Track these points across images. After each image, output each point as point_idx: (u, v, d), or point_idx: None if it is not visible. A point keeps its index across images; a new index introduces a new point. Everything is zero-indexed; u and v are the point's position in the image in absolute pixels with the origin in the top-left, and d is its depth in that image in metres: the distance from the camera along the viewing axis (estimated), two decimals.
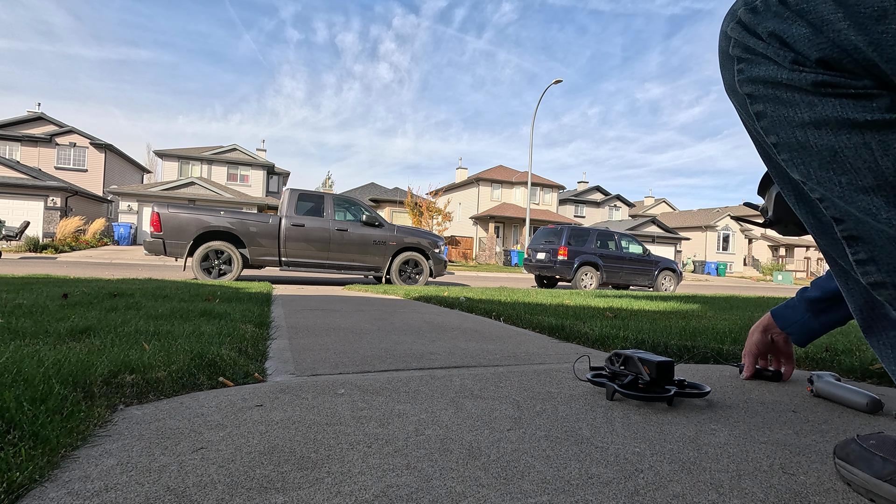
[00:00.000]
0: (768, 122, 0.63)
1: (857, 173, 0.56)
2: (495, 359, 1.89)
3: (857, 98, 0.55)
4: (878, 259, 0.61)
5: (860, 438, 0.83)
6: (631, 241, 12.01)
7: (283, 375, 1.51)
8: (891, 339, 0.75)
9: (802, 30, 0.55)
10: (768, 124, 0.63)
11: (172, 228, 7.25)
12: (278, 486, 0.74)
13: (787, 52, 0.58)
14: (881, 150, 0.54)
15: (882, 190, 0.55)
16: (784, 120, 0.61)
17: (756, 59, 0.62)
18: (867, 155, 0.55)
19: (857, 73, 0.54)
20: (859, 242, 0.61)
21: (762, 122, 0.64)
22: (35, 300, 2.85)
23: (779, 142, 0.63)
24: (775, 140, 0.63)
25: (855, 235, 0.61)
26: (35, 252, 16.86)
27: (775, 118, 0.62)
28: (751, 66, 0.63)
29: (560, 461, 0.87)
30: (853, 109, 0.55)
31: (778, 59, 0.59)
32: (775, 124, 0.62)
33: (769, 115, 0.62)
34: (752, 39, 0.61)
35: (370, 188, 38.27)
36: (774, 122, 0.62)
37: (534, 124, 21.33)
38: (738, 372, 1.63)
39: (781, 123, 0.61)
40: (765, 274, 35.60)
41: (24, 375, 1.07)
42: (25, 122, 29.11)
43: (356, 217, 8.45)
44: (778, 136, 0.63)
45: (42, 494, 0.69)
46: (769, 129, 0.63)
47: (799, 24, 0.56)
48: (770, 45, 0.59)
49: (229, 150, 32.71)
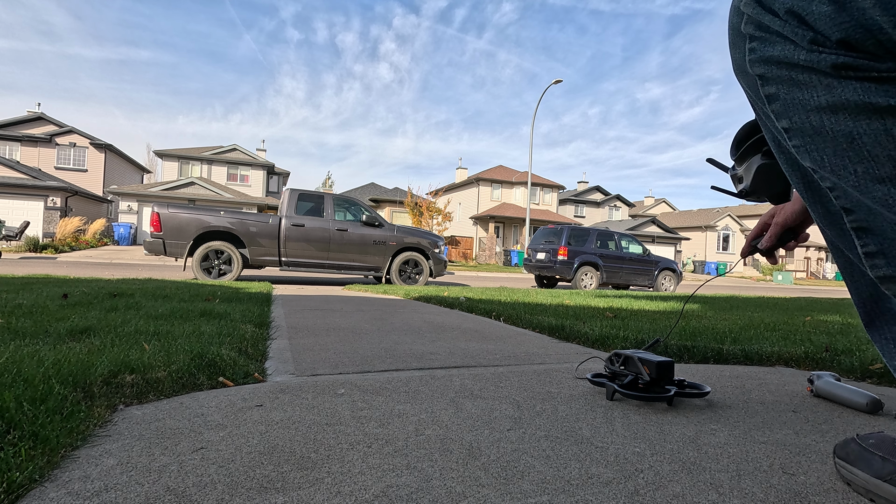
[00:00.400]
0: (781, 105, 0.60)
1: (874, 161, 0.54)
2: (495, 359, 1.89)
3: (879, 82, 0.52)
4: (887, 252, 0.59)
5: (860, 438, 0.83)
6: (631, 241, 12.01)
7: (283, 375, 1.51)
8: (893, 334, 0.74)
9: (823, 7, 0.52)
10: (780, 108, 0.60)
11: (172, 228, 7.25)
12: (278, 486, 0.74)
13: (805, 31, 0.54)
14: None
15: None
16: (798, 103, 0.58)
17: (770, 38, 0.58)
18: (887, 142, 0.52)
19: (880, 55, 0.51)
20: (869, 234, 0.59)
21: (774, 105, 0.61)
22: (35, 300, 2.85)
23: (791, 126, 0.60)
24: (787, 125, 0.60)
25: (865, 227, 0.59)
26: (35, 252, 16.86)
27: (789, 101, 0.59)
28: (764, 46, 0.59)
29: (560, 461, 0.87)
30: (875, 93, 0.52)
31: (795, 39, 0.55)
32: (788, 108, 0.59)
33: (782, 97, 0.59)
34: (768, 16, 0.58)
35: (370, 188, 38.28)
36: (788, 106, 0.59)
37: (534, 124, 21.33)
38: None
39: (795, 107, 0.58)
40: (765, 274, 35.60)
41: (24, 375, 1.07)
42: (25, 122, 29.11)
43: (356, 217, 8.45)
44: (790, 121, 0.60)
45: (42, 494, 0.69)
46: (781, 112, 0.60)
47: (819, 1, 0.52)
48: (787, 24, 0.56)
49: (229, 150, 32.71)
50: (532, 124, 21.30)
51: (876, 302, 0.75)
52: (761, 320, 3.34)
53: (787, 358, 1.96)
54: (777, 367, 1.88)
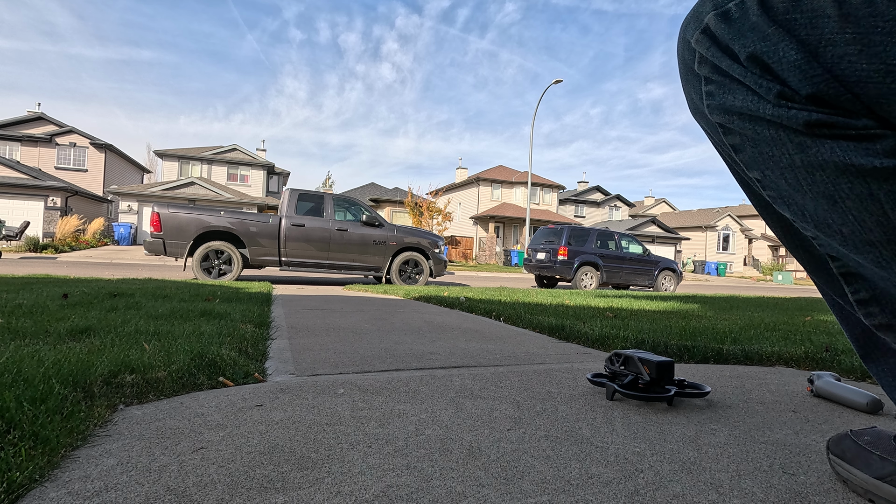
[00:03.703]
0: (749, 157, 0.53)
1: (861, 225, 0.47)
2: (495, 359, 1.89)
3: (858, 140, 0.45)
4: (881, 299, 0.53)
5: (854, 434, 0.82)
6: (631, 241, 12.01)
7: (283, 375, 1.51)
8: (891, 366, 0.69)
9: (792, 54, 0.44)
10: (749, 160, 0.53)
11: (172, 228, 7.25)
12: (278, 486, 0.74)
13: (771, 84, 0.46)
14: (890, 201, 0.45)
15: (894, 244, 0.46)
16: (769, 159, 0.50)
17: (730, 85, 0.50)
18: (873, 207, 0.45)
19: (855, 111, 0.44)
20: (860, 281, 0.54)
21: (741, 156, 0.54)
22: (35, 300, 2.85)
23: (763, 179, 0.53)
24: (759, 176, 0.53)
25: (854, 273, 0.53)
26: (35, 252, 16.86)
27: (757, 155, 0.51)
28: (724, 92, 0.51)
29: (560, 461, 0.87)
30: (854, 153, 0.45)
31: (759, 91, 0.47)
32: (758, 161, 0.52)
33: (749, 151, 0.52)
34: (726, 60, 0.49)
35: (370, 188, 38.26)
36: (757, 160, 0.52)
37: (534, 124, 21.33)
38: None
39: (766, 161, 0.51)
40: (765, 274, 35.60)
41: (24, 375, 1.07)
42: (25, 122, 29.11)
43: (356, 217, 8.45)
44: (762, 174, 0.52)
45: (42, 494, 0.69)
46: (751, 164, 0.53)
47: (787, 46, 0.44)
48: (749, 72, 0.47)
49: (229, 150, 32.71)
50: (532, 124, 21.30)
51: (870, 337, 0.70)
52: (761, 320, 3.34)
53: (787, 358, 1.96)
54: (777, 367, 1.88)
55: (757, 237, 40.92)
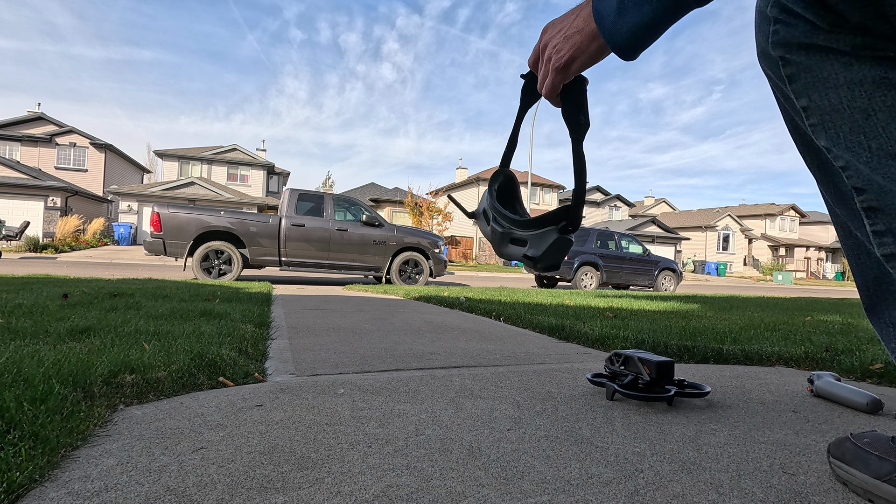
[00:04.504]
0: (800, 84, 0.63)
1: (889, 137, 0.57)
2: (495, 359, 1.89)
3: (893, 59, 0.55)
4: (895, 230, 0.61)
5: (854, 437, 0.83)
6: (631, 241, 12.01)
7: (283, 375, 1.51)
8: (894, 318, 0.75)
9: None
10: (800, 86, 0.63)
11: (172, 228, 7.25)
12: (278, 486, 0.74)
13: (826, 14, 0.58)
14: None
15: None
16: (817, 81, 0.61)
17: (793, 21, 0.61)
18: None
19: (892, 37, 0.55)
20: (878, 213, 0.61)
21: (794, 85, 0.64)
22: (35, 300, 2.85)
23: (809, 105, 0.63)
24: (806, 103, 0.63)
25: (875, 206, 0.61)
26: (35, 252, 16.86)
27: (808, 81, 0.62)
28: (787, 28, 0.62)
29: (560, 461, 0.87)
30: (892, 69, 0.56)
31: (816, 21, 0.59)
32: (808, 86, 0.62)
33: (802, 77, 0.62)
34: None
35: (370, 188, 38.25)
36: (807, 84, 0.62)
37: (534, 124, 21.33)
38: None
39: (814, 85, 0.61)
40: (765, 274, 35.59)
41: (24, 375, 1.07)
42: (25, 122, 29.11)
43: (356, 217, 8.45)
44: (809, 99, 0.63)
45: (42, 494, 0.69)
46: (800, 91, 0.63)
47: None
48: (809, 6, 0.59)
49: (229, 150, 32.71)
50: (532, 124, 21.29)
51: (879, 284, 0.76)
52: (761, 320, 3.34)
53: (787, 358, 1.96)
54: (777, 367, 1.88)
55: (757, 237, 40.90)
